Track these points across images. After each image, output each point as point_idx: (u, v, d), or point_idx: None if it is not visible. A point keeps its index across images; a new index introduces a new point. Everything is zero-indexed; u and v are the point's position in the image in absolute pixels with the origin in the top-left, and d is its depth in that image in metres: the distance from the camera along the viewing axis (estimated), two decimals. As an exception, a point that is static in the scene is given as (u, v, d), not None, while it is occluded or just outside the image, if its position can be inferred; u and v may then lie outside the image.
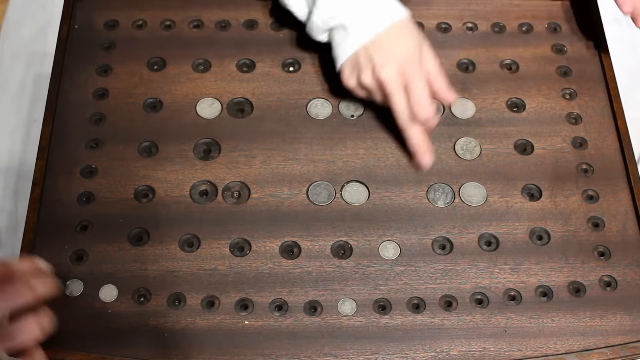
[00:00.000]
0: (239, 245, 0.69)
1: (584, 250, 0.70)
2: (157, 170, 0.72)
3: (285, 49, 0.80)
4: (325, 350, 0.65)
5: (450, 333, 0.66)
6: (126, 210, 0.70)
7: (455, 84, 0.78)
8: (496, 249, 0.69)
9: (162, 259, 0.68)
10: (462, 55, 0.80)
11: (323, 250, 0.69)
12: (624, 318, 0.67)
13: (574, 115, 0.77)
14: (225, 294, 0.67)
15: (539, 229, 0.71)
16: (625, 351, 0.65)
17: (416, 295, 0.67)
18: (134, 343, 0.64)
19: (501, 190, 0.72)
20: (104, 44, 0.80)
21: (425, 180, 0.73)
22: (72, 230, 0.69)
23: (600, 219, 0.71)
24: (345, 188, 0.72)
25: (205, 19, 0.82)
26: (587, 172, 0.74)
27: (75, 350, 0.64)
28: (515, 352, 0.65)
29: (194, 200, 0.71)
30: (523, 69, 0.80)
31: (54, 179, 0.71)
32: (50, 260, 0.67)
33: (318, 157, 0.74)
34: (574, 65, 0.80)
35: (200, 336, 0.65)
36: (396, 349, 0.65)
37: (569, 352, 0.65)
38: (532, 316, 0.66)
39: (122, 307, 0.66)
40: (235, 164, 0.73)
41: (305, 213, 0.71)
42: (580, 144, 0.76)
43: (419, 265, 0.68)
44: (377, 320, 0.66)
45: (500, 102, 0.78)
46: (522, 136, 0.76)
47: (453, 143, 0.75)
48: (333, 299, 0.67)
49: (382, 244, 0.69)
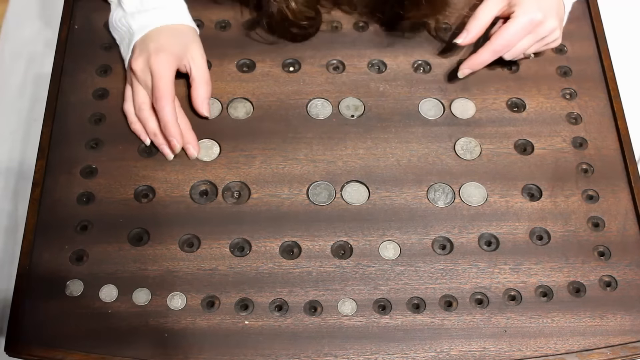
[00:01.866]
0: (239, 246, 0.69)
1: (584, 250, 0.70)
2: (157, 170, 0.72)
3: (285, 49, 0.80)
4: (326, 350, 0.65)
5: (451, 333, 0.66)
6: (126, 211, 0.70)
7: (456, 84, 0.78)
8: (496, 249, 0.69)
9: (162, 259, 0.68)
10: (462, 55, 0.80)
11: (323, 251, 0.69)
12: (624, 318, 0.67)
13: (574, 115, 0.77)
14: (225, 294, 0.67)
15: (539, 229, 0.71)
16: (625, 351, 0.65)
17: (416, 295, 0.67)
18: (134, 343, 0.64)
19: (501, 190, 0.72)
20: (104, 44, 0.80)
21: (426, 180, 0.73)
22: (72, 231, 0.69)
23: (601, 219, 0.71)
24: (346, 188, 0.72)
25: (205, 19, 0.82)
26: (587, 172, 0.74)
27: (75, 351, 0.64)
28: (515, 352, 0.65)
29: (194, 201, 0.71)
30: (523, 69, 0.80)
31: (54, 179, 0.71)
32: (50, 260, 0.67)
33: (318, 157, 0.74)
34: (574, 65, 0.80)
35: (200, 336, 0.65)
36: (396, 349, 0.65)
37: (569, 352, 0.65)
38: (532, 316, 0.66)
39: (122, 307, 0.66)
40: (235, 164, 0.73)
41: (306, 213, 0.71)
42: (580, 144, 0.76)
43: (419, 265, 0.68)
44: (377, 320, 0.66)
45: (500, 102, 0.78)
46: (522, 136, 0.76)
47: (453, 143, 0.75)
48: (333, 299, 0.67)
49: (382, 244, 0.69)
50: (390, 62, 0.79)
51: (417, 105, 0.77)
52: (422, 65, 0.80)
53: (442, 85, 0.78)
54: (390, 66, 0.79)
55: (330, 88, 0.78)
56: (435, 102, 0.77)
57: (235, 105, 0.76)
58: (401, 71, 0.79)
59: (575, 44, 0.82)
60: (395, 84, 0.78)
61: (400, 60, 0.80)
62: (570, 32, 0.82)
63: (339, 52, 0.79)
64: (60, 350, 0.64)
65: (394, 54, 0.80)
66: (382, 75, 0.79)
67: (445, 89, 0.78)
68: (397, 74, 0.79)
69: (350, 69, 0.79)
